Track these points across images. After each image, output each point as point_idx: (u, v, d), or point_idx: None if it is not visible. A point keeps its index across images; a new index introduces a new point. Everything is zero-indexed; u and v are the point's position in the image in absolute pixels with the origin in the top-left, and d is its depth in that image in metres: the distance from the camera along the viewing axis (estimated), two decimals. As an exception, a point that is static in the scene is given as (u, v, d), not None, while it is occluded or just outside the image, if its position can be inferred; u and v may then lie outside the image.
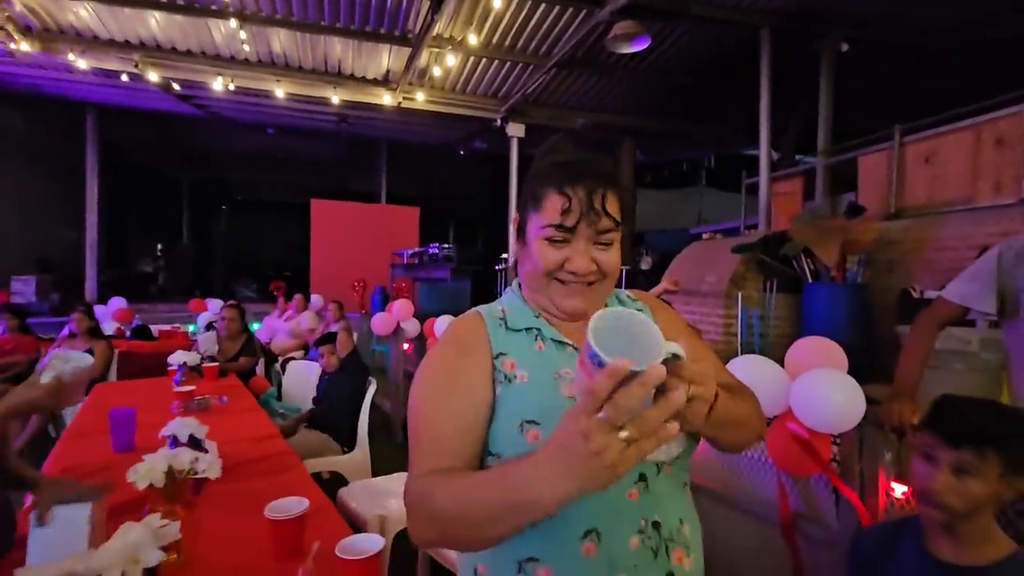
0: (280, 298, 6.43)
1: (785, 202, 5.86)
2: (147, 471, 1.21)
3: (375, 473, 2.86)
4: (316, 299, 6.24)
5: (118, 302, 5.97)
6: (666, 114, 7.88)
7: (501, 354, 0.77)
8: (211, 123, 9.00)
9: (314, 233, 9.26)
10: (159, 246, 12.35)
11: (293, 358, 4.86)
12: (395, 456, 3.38)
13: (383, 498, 2.32)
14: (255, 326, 5.56)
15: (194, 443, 1.65)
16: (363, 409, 2.99)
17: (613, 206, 0.75)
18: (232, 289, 12.12)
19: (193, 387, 2.68)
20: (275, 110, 7.79)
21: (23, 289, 7.30)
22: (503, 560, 0.72)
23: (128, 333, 5.13)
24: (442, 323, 3.83)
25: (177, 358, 2.96)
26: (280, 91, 6.55)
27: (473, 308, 0.86)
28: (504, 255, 8.10)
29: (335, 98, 6.82)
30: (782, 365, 1.74)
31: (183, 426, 1.64)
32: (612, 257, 0.77)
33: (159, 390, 2.93)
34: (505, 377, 0.75)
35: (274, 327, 5.73)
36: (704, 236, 7.76)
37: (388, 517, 2.11)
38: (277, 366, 4.81)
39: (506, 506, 0.59)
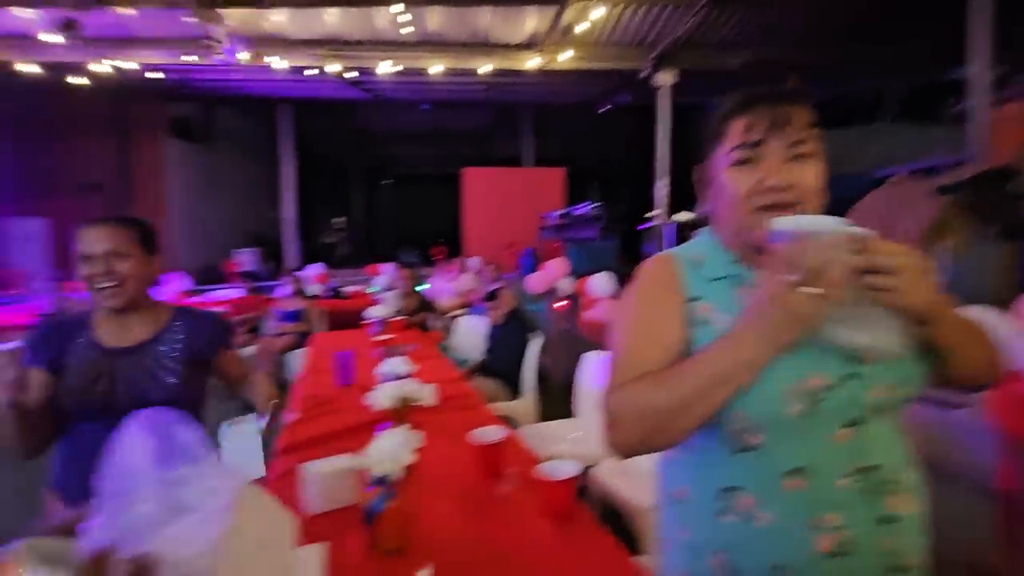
0: (442, 262, 7.04)
1: (1008, 131, 4.81)
2: (384, 395, 1.48)
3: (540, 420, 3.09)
4: (473, 261, 6.70)
5: (317, 268, 7.03)
6: (842, 42, 6.83)
7: (695, 298, 0.78)
8: (375, 106, 9.91)
9: (466, 200, 9.84)
10: (337, 220, 14.17)
11: (457, 315, 5.33)
12: (554, 407, 3.59)
13: (552, 441, 2.52)
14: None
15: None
16: (528, 360, 3.22)
17: (802, 118, 0.72)
18: (396, 255, 13.49)
19: (390, 336, 3.12)
20: (430, 86, 8.31)
21: (245, 260, 8.92)
22: (705, 485, 0.76)
23: (327, 294, 6.06)
24: (597, 282, 3.92)
25: (374, 312, 3.44)
26: (435, 67, 6.97)
27: (666, 250, 0.87)
28: (649, 214, 7.86)
29: (484, 67, 7.06)
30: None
31: (397, 364, 1.96)
32: (812, 172, 0.72)
33: (359, 339, 3.46)
34: (699, 321, 0.76)
35: (439, 288, 6.30)
36: (892, 179, 6.72)
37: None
38: (443, 322, 5.32)
39: (713, 378, 0.68)
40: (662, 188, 7.44)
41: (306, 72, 7.04)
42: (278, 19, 6.14)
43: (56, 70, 6.45)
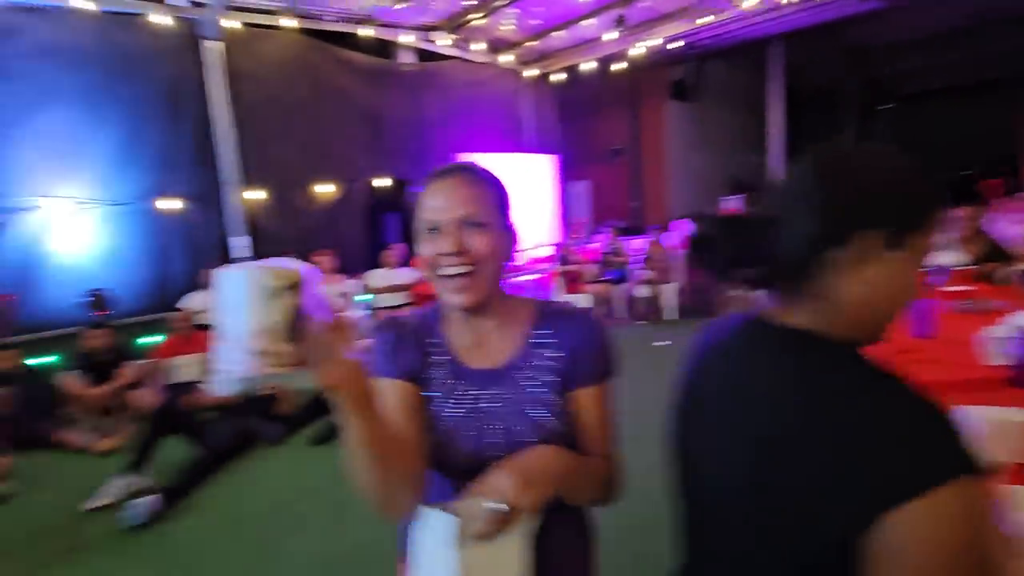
0: (998, 198, 5.40)
1: None
2: None
3: None
4: (1057, 197, 4.89)
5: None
6: None
7: None
8: (873, 19, 8.29)
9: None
10: (825, 159, 12.89)
11: (1029, 268, 4.07)
12: None
13: None
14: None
15: None
16: None
17: None
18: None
19: (964, 288, 2.69)
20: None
21: (733, 205, 9.38)
22: None
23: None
24: None
25: (936, 260, 3.04)
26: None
27: None
28: None
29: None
30: None
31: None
32: None
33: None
34: None
35: (999, 231, 4.93)
36: None
37: None
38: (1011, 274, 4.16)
39: None
40: None
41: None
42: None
43: (603, 61, 8.18)
